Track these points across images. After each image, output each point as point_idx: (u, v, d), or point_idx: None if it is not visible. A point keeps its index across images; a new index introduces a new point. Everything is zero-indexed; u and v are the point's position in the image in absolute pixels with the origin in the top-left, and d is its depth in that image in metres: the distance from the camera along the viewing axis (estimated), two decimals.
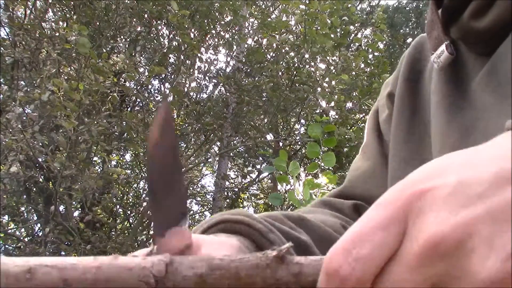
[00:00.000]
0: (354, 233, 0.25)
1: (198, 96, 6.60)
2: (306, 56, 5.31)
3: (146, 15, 5.27)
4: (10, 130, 3.55)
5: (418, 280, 0.23)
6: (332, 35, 5.13)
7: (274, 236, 0.45)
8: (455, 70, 0.50)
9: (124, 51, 5.10)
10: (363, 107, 6.25)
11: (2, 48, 4.12)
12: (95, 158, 5.88)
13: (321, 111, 5.77)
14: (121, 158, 7.23)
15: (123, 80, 5.38)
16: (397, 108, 0.59)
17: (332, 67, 5.51)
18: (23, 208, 5.98)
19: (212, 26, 5.89)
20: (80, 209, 5.85)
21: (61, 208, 5.26)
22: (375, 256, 0.24)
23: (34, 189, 5.56)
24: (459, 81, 0.50)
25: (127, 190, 6.93)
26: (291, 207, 5.12)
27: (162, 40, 5.88)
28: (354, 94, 6.01)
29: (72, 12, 4.84)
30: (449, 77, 0.51)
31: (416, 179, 0.25)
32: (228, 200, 7.75)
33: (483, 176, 0.23)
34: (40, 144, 4.03)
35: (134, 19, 5.12)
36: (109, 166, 5.11)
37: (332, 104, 5.54)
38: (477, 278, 0.22)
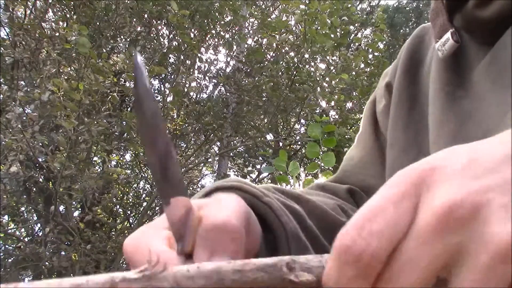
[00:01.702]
0: (366, 209, 0.24)
1: (198, 96, 6.60)
2: (306, 56, 5.31)
3: (146, 15, 5.27)
4: (10, 130, 3.55)
5: (434, 253, 0.23)
6: (332, 35, 5.12)
7: (270, 200, 0.45)
8: (456, 59, 0.50)
9: (124, 51, 5.10)
10: (363, 107, 6.23)
11: (2, 48, 4.12)
12: (95, 158, 5.87)
13: (321, 111, 5.77)
14: (121, 158, 7.22)
15: (123, 80, 5.38)
16: (396, 98, 0.59)
17: (332, 67, 5.51)
18: (23, 208, 5.98)
19: (212, 26, 5.89)
20: (80, 209, 5.85)
21: (61, 208, 5.26)
22: (389, 230, 0.24)
23: (34, 189, 5.56)
24: (460, 70, 0.50)
25: (127, 190, 6.93)
26: None
27: (162, 40, 5.87)
28: (354, 94, 6.00)
29: (72, 12, 4.84)
30: (449, 66, 0.51)
31: (426, 160, 0.25)
32: None
33: (495, 155, 0.24)
34: (40, 144, 4.03)
35: (134, 19, 5.12)
36: (109, 166, 5.11)
37: (332, 104, 5.54)
38: (497, 241, 0.21)
